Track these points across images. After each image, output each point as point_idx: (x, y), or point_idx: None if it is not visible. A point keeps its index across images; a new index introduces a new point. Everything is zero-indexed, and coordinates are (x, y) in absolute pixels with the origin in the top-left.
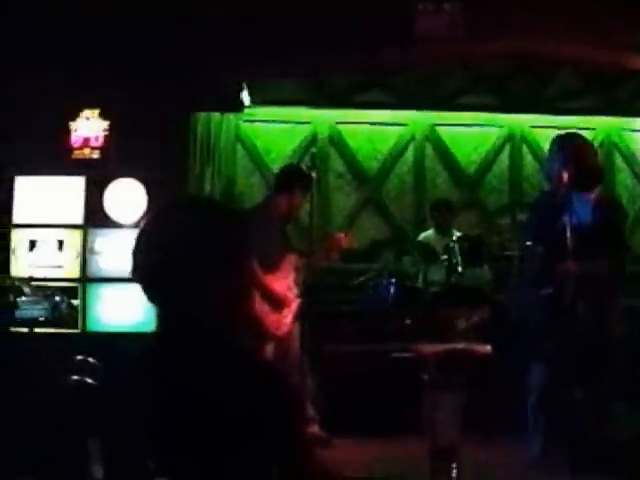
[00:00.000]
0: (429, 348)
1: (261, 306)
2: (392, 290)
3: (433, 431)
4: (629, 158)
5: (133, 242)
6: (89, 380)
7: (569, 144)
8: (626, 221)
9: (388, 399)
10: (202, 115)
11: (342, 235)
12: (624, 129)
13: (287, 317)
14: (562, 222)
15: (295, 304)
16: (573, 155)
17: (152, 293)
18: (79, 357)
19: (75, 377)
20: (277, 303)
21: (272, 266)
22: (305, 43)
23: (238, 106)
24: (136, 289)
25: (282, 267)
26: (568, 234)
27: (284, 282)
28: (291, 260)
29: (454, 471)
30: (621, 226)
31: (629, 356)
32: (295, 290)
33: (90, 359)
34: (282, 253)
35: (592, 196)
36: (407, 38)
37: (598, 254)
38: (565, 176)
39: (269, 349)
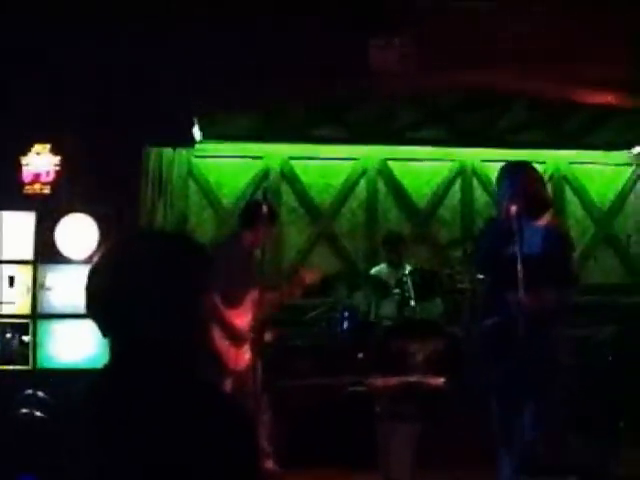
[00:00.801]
0: (382, 381)
1: (221, 341)
2: (345, 324)
3: (387, 462)
4: (578, 190)
5: (87, 275)
6: (38, 413)
7: (517, 172)
8: (573, 249)
9: (342, 432)
10: (154, 150)
11: (307, 271)
12: (573, 162)
13: (246, 352)
14: (510, 250)
15: (252, 339)
16: (521, 183)
17: (107, 324)
18: (28, 391)
19: (24, 410)
20: (237, 338)
21: (235, 301)
22: (257, 76)
23: (190, 141)
24: (88, 325)
25: (245, 302)
26: (515, 262)
27: (245, 317)
28: (253, 295)
29: None
30: (569, 254)
31: (579, 387)
32: (254, 325)
33: (39, 393)
34: (246, 289)
35: (540, 223)
36: (360, 72)
37: (546, 283)
38: (513, 204)
39: (228, 384)
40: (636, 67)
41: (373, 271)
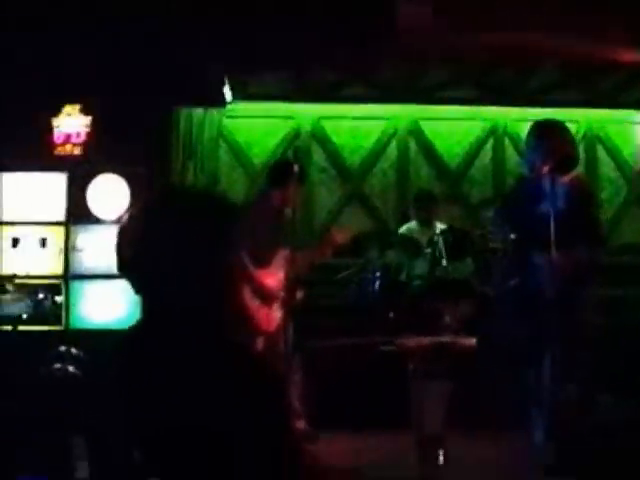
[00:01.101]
0: (414, 341)
1: (252, 301)
2: (376, 284)
3: (419, 419)
4: (612, 151)
5: (119, 232)
6: (72, 369)
7: (548, 130)
8: (599, 206)
9: (374, 392)
10: (184, 111)
11: (337, 231)
12: (607, 122)
13: (277, 312)
14: (539, 208)
15: (284, 299)
16: (553, 141)
17: (139, 284)
18: (62, 348)
19: (58, 365)
20: (268, 298)
21: (265, 261)
22: (288, 38)
23: (220, 102)
24: (119, 285)
25: (275, 262)
26: (544, 220)
27: (275, 277)
28: (284, 255)
29: (441, 458)
30: (596, 210)
31: (609, 347)
32: (285, 285)
33: (73, 350)
34: (275, 248)
35: (565, 180)
36: (390, 32)
37: (574, 241)
38: (546, 163)
39: (259, 344)
40: None
41: (403, 229)
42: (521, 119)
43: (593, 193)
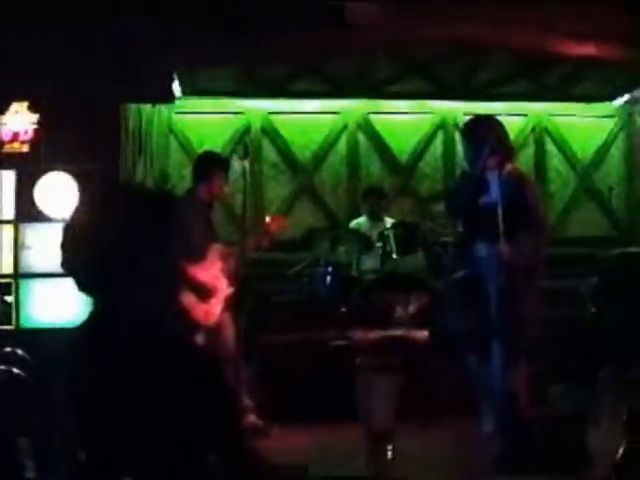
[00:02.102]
0: (365, 335)
1: (187, 296)
2: (327, 279)
3: (368, 414)
4: (560, 143)
5: (64, 229)
6: (17, 371)
7: (487, 125)
8: (536, 194)
9: (325, 386)
10: (133, 107)
11: (272, 219)
12: (555, 114)
13: (215, 307)
14: (481, 200)
15: (224, 293)
16: (492, 135)
17: (83, 281)
18: (7, 349)
19: (2, 367)
20: (203, 293)
21: (196, 255)
22: (236, 31)
23: (169, 97)
24: (68, 284)
25: (207, 257)
26: (487, 212)
27: (210, 271)
28: (217, 249)
29: (389, 453)
30: (533, 199)
31: (558, 339)
32: (224, 279)
33: (19, 351)
34: (206, 242)
35: (503, 171)
36: (339, 24)
37: (514, 230)
38: (479, 156)
39: (199, 339)
40: (617, 19)
41: (353, 224)
42: (470, 113)
43: (530, 182)
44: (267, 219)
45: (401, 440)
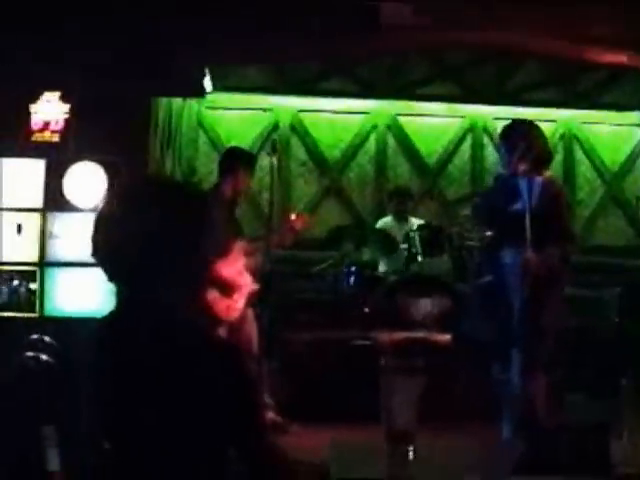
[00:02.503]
0: (388, 336)
1: (210, 292)
2: (352, 278)
3: (389, 415)
4: (589, 151)
5: (96, 218)
6: (45, 357)
7: (523, 130)
8: (569, 206)
9: (346, 386)
10: (164, 100)
11: (296, 216)
12: (585, 122)
13: (238, 302)
14: (513, 206)
15: (247, 289)
16: (528, 141)
17: (112, 271)
18: (35, 336)
19: (31, 353)
20: (226, 289)
21: (220, 251)
22: (269, 29)
23: (200, 92)
24: (95, 273)
25: (230, 252)
26: (518, 218)
27: (233, 267)
28: (241, 245)
29: (410, 454)
30: (565, 209)
31: (582, 348)
32: (247, 275)
33: (46, 338)
34: (231, 238)
35: (538, 179)
36: (372, 26)
37: (544, 239)
38: (522, 162)
39: (221, 334)
40: None
41: (379, 223)
42: (500, 117)
43: (564, 193)
44: (292, 217)
45: (421, 442)
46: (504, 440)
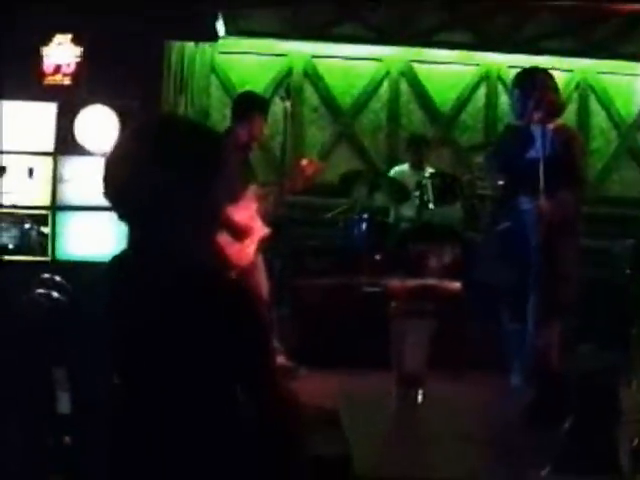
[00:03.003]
0: (398, 283)
1: (221, 236)
2: (363, 225)
3: (399, 358)
4: (604, 102)
5: (106, 157)
6: (56, 294)
7: (532, 78)
8: (583, 152)
9: (357, 332)
10: (176, 44)
11: (308, 162)
12: (601, 72)
13: (249, 247)
14: (526, 154)
15: (259, 234)
16: (540, 89)
17: (122, 210)
18: (46, 275)
19: (41, 291)
20: (238, 233)
21: (233, 196)
22: None
23: (213, 36)
24: (106, 217)
25: (243, 197)
26: (532, 166)
27: (245, 212)
28: (253, 190)
29: (419, 397)
30: (578, 155)
31: (593, 299)
32: (259, 220)
33: (57, 277)
34: (244, 183)
35: (550, 127)
36: None
37: (557, 185)
38: (535, 110)
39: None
40: None
41: (394, 171)
42: (515, 66)
43: (579, 139)
44: (303, 162)
45: (431, 386)
46: (514, 387)
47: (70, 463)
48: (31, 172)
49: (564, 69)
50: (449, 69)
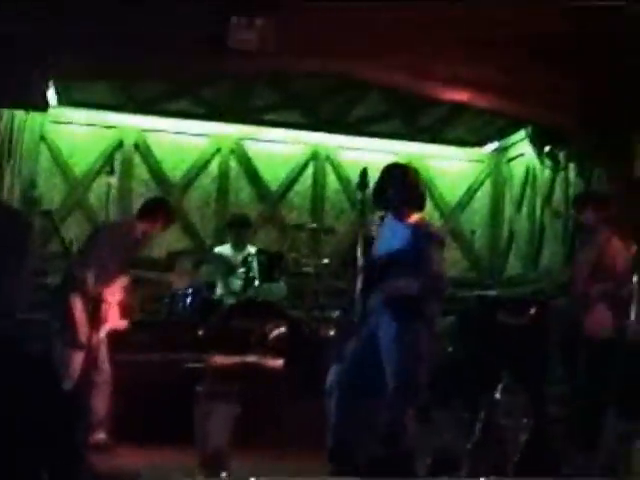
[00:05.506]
0: (219, 359)
1: (81, 313)
2: (188, 300)
3: (203, 439)
4: (428, 185)
5: None
6: None
7: (406, 174)
8: (442, 245)
9: (175, 409)
10: (5, 111)
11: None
12: (426, 156)
13: (105, 328)
14: (378, 245)
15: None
16: (399, 183)
17: None
18: None
19: None
20: (99, 313)
21: (108, 280)
22: (116, 45)
23: (43, 105)
24: None
25: (116, 284)
26: (377, 256)
27: (113, 297)
28: (125, 280)
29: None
30: (435, 250)
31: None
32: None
33: None
34: (121, 271)
35: (411, 221)
36: (219, 49)
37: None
38: (400, 202)
39: (77, 357)
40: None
41: (217, 250)
42: (344, 147)
43: (436, 234)
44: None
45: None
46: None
47: None
48: None
49: (390, 152)
50: (279, 148)
